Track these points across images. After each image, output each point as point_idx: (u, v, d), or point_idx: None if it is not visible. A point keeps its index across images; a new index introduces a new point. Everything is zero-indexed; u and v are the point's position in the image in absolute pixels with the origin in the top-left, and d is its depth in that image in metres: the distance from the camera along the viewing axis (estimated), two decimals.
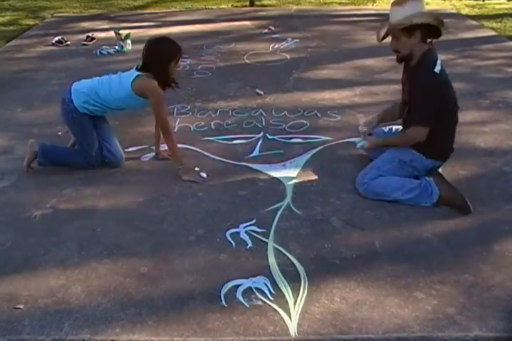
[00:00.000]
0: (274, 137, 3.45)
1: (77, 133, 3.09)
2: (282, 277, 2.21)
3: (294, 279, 2.20)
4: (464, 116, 3.68)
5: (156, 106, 2.90)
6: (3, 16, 7.18)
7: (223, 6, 7.48)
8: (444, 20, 2.62)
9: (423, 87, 2.54)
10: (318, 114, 3.78)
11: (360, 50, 5.20)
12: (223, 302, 2.08)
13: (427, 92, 2.54)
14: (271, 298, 2.10)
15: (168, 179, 2.99)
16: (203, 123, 3.67)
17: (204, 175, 2.99)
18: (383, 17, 6.38)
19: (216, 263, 2.31)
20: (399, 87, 2.87)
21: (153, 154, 3.25)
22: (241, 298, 2.10)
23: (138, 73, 2.87)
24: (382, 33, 2.62)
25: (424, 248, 2.38)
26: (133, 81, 2.85)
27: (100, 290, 2.17)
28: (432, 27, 2.52)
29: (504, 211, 2.64)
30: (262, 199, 2.78)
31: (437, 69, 2.52)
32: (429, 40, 2.63)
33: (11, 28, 6.58)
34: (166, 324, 1.99)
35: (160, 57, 2.81)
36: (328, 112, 3.81)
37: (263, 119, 3.71)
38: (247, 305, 2.07)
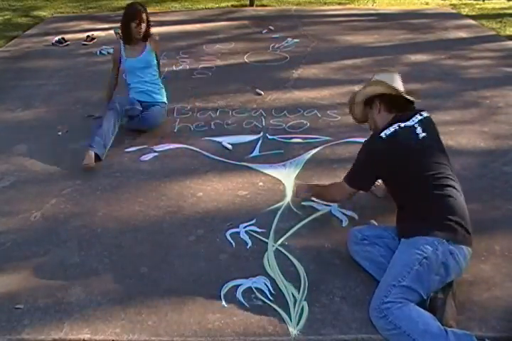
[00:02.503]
0: (274, 137, 3.45)
1: None
2: (282, 277, 2.21)
3: (294, 279, 2.20)
4: (464, 116, 3.71)
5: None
6: (3, 16, 7.18)
7: (223, 5, 7.48)
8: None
9: (360, 150, 2.30)
10: (318, 114, 3.78)
11: (360, 50, 5.20)
12: (223, 302, 2.08)
13: (361, 156, 2.29)
14: (271, 298, 2.10)
15: (168, 179, 2.99)
16: (203, 123, 3.67)
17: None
18: (383, 17, 6.43)
19: (216, 263, 2.31)
20: None
21: (154, 154, 3.25)
22: (241, 298, 2.10)
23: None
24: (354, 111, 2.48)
25: None
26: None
27: (100, 290, 2.17)
28: (394, 96, 2.27)
29: (504, 211, 2.64)
30: (262, 199, 2.78)
31: (385, 133, 2.17)
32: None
33: (11, 28, 6.58)
34: (166, 324, 1.99)
35: (123, 19, 3.51)
36: (328, 112, 3.81)
37: (263, 119, 3.71)
38: (247, 305, 2.07)
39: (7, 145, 3.46)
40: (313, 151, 3.25)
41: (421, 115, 2.27)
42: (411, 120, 2.22)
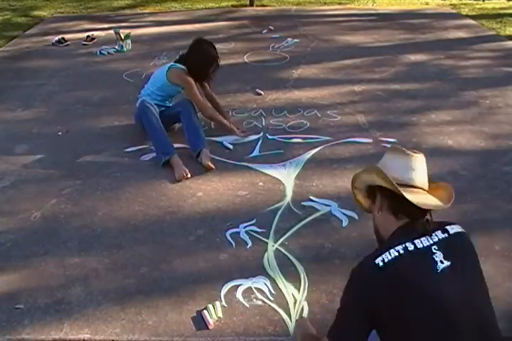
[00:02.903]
0: (274, 137, 3.45)
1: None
2: (282, 277, 2.21)
3: (294, 279, 2.20)
4: (464, 116, 3.71)
5: (186, 91, 3.35)
6: (2, 16, 7.18)
7: (223, 5, 7.48)
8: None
9: (346, 289, 1.52)
10: (318, 114, 3.78)
11: (360, 50, 5.20)
12: (223, 302, 2.08)
13: (345, 293, 1.52)
14: (271, 298, 2.10)
15: (168, 179, 2.99)
16: (203, 123, 3.67)
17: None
18: (383, 17, 6.43)
19: (216, 263, 2.31)
20: (399, 87, 2.87)
21: (154, 154, 3.24)
22: (241, 298, 2.10)
23: (172, 64, 3.37)
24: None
25: None
26: (167, 71, 3.33)
27: (100, 290, 2.17)
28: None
29: (504, 211, 2.64)
30: (262, 199, 2.78)
31: (382, 259, 1.41)
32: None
33: (11, 28, 6.57)
34: (166, 324, 1.99)
35: (203, 58, 3.32)
36: (328, 112, 3.81)
37: (263, 119, 3.71)
38: (247, 305, 2.07)
39: (7, 145, 3.46)
40: (313, 151, 3.25)
41: (445, 232, 1.50)
42: (426, 237, 1.46)
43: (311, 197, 2.76)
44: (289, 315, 2.01)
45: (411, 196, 1.47)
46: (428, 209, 1.50)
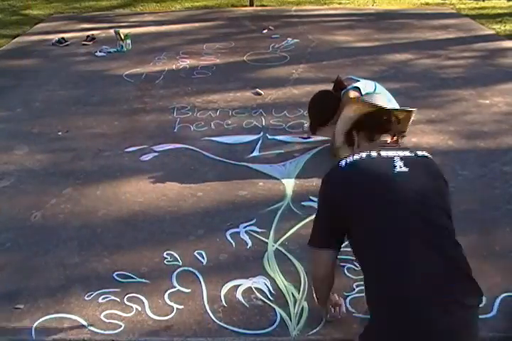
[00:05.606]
0: (274, 137, 3.45)
1: None
2: (282, 277, 2.21)
3: (294, 279, 2.20)
4: (464, 116, 3.71)
5: None
6: (3, 16, 7.18)
7: (223, 5, 7.48)
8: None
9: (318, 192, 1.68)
10: None
11: (360, 50, 5.19)
12: (223, 302, 2.08)
13: (318, 199, 1.69)
14: (271, 298, 2.10)
15: (168, 179, 2.99)
16: (202, 123, 3.67)
17: None
18: (383, 17, 6.43)
19: (216, 263, 2.31)
20: (399, 86, 2.87)
21: (154, 154, 3.25)
22: (241, 298, 2.10)
23: None
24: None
25: None
26: None
27: (100, 290, 2.17)
28: (373, 116, 1.72)
29: (504, 211, 2.63)
30: (262, 199, 2.78)
31: (345, 161, 1.58)
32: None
33: (11, 28, 6.57)
34: (166, 324, 1.99)
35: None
36: None
37: (263, 119, 3.71)
38: (247, 305, 2.07)
39: (7, 145, 3.46)
40: (313, 151, 3.25)
41: (413, 152, 1.61)
42: (393, 151, 1.60)
43: (311, 197, 2.76)
44: (289, 315, 2.01)
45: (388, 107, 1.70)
46: (399, 130, 1.74)
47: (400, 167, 1.51)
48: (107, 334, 1.95)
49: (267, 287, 2.16)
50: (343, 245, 1.61)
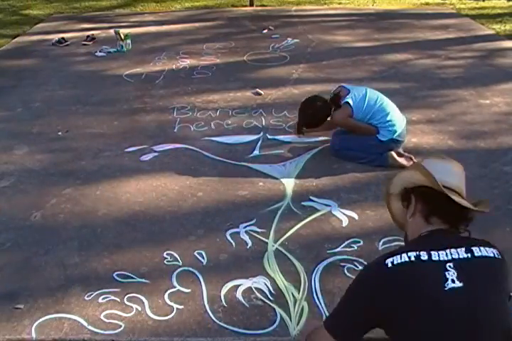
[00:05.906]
0: (274, 137, 3.45)
1: None
2: (282, 277, 2.21)
3: (294, 279, 2.20)
4: (464, 117, 3.71)
5: None
6: (3, 16, 7.18)
7: (223, 5, 7.48)
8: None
9: (352, 282, 1.46)
10: None
11: (360, 50, 5.20)
12: (223, 302, 2.08)
13: (350, 287, 1.46)
14: (271, 298, 2.10)
15: (168, 179, 2.99)
16: (202, 123, 3.67)
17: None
18: (383, 17, 6.43)
19: (216, 263, 2.31)
20: (399, 86, 2.87)
21: (154, 154, 3.25)
22: (241, 298, 2.10)
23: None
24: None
25: None
26: None
27: (100, 289, 2.16)
28: (436, 195, 1.46)
29: (504, 211, 2.63)
30: (262, 199, 2.78)
31: (392, 261, 1.36)
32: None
33: (11, 28, 6.58)
34: (166, 324, 1.99)
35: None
36: None
37: (263, 119, 3.71)
38: (247, 305, 2.07)
39: (7, 145, 3.46)
40: (313, 151, 3.25)
41: (469, 252, 1.36)
42: (445, 252, 1.36)
43: (311, 197, 2.76)
44: (289, 315, 2.01)
45: (451, 195, 1.42)
46: (462, 218, 1.46)
47: (452, 281, 1.30)
48: (107, 334, 1.95)
49: (267, 287, 2.15)
50: (343, 245, 1.61)
